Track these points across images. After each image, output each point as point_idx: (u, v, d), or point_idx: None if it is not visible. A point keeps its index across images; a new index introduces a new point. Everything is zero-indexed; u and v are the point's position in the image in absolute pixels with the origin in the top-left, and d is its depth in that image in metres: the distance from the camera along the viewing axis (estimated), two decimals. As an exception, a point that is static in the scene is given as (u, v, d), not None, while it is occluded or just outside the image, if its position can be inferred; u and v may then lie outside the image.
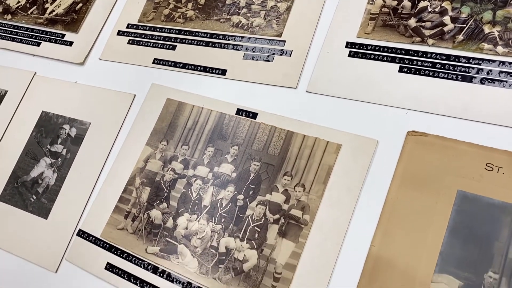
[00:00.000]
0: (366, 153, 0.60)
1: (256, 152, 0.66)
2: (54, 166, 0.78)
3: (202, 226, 0.65)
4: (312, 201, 0.60)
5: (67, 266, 0.70)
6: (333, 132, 0.63)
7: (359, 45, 0.67)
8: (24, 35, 0.93)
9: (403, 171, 0.58)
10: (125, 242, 0.67)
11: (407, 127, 0.60)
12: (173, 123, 0.73)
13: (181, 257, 0.64)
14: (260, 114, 0.68)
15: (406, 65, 0.63)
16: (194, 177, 0.69)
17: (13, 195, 0.78)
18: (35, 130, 0.82)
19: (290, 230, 0.60)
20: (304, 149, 0.63)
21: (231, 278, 0.60)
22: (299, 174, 0.63)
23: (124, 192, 0.71)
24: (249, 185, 0.65)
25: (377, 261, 0.55)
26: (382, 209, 0.57)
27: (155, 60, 0.79)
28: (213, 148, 0.69)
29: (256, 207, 0.63)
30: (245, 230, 0.62)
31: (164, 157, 0.72)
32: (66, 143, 0.79)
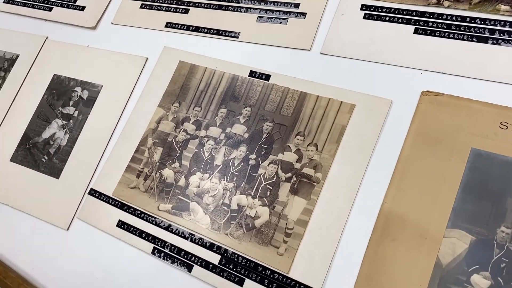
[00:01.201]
0: (380, 112, 0.60)
1: (268, 113, 0.67)
2: (66, 127, 0.78)
3: (214, 184, 0.65)
4: (324, 160, 0.61)
5: (79, 224, 0.70)
6: (347, 93, 0.63)
7: (374, 7, 0.67)
8: (36, 0, 0.93)
9: (416, 130, 0.58)
10: (137, 200, 0.68)
11: (422, 87, 0.60)
12: (185, 85, 0.73)
13: (193, 214, 0.64)
14: (273, 76, 0.68)
15: (421, 27, 0.63)
16: (206, 137, 0.69)
17: (25, 156, 0.79)
18: (46, 92, 0.83)
19: (302, 188, 0.60)
20: (317, 109, 0.64)
21: (243, 234, 0.61)
22: (312, 134, 0.63)
23: (136, 152, 0.71)
24: (261, 145, 0.65)
25: (389, 217, 0.55)
26: (395, 167, 0.57)
27: (167, 23, 0.79)
28: (226, 109, 0.69)
29: (268, 166, 0.63)
30: (257, 188, 0.63)
31: (176, 118, 0.72)
32: (78, 105, 0.79)
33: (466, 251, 0.51)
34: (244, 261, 0.59)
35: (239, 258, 0.59)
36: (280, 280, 0.57)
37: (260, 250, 0.59)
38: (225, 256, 0.60)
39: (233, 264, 0.59)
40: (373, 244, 0.55)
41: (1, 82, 0.87)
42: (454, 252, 0.51)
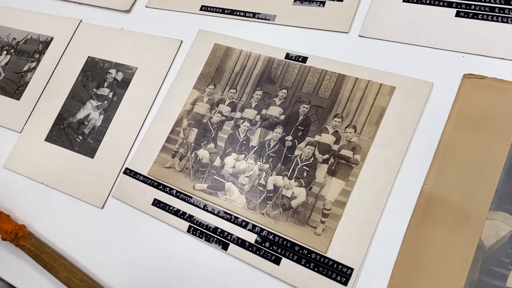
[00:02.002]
0: (421, 95, 0.60)
1: (305, 95, 0.66)
2: (101, 108, 0.79)
3: (250, 165, 0.65)
4: (363, 142, 0.60)
5: (114, 202, 0.71)
6: (386, 75, 0.63)
7: (414, -9, 0.66)
8: (70, -16, 0.94)
9: (458, 113, 0.58)
10: (173, 180, 0.68)
11: (463, 70, 0.59)
12: (221, 67, 0.74)
13: (229, 193, 0.65)
14: (310, 58, 0.68)
15: (463, 9, 0.62)
16: (241, 119, 0.69)
17: (59, 136, 0.80)
18: (81, 74, 0.84)
19: (340, 169, 0.60)
20: (356, 91, 0.63)
21: (279, 214, 0.61)
22: (350, 116, 0.63)
23: (172, 133, 0.72)
24: (297, 126, 0.65)
25: (429, 199, 0.55)
26: (436, 149, 0.57)
27: (202, 7, 0.80)
28: (261, 91, 0.70)
29: (305, 147, 0.63)
30: (293, 169, 0.63)
31: (211, 100, 0.72)
32: (113, 86, 0.80)
33: (510, 233, 0.51)
34: (281, 241, 0.59)
35: (276, 237, 0.60)
36: (318, 260, 0.57)
37: (297, 230, 0.59)
38: (261, 235, 0.60)
39: (269, 243, 0.59)
40: (413, 225, 0.55)
41: (36, 64, 0.89)
42: (498, 234, 0.51)
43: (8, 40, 0.95)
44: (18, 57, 0.92)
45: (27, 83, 0.88)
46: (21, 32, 0.94)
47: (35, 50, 0.91)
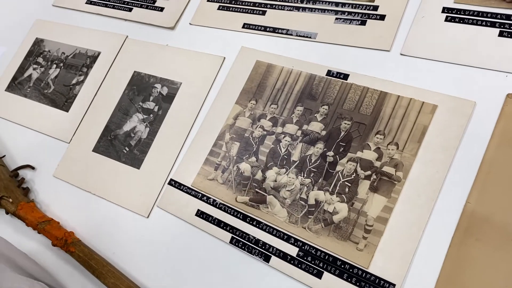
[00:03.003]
0: (463, 114, 0.61)
1: (347, 111, 0.68)
2: (146, 121, 0.82)
3: (291, 179, 0.67)
4: (405, 159, 0.61)
5: (158, 212, 0.74)
6: (428, 93, 0.64)
7: (456, 10, 0.67)
8: (117, 1, 0.99)
9: (502, 132, 0.58)
10: (216, 192, 0.71)
11: (507, 89, 0.60)
12: (262, 83, 0.76)
13: (271, 206, 0.66)
14: (352, 75, 0.70)
15: (506, 29, 0.63)
16: (282, 134, 0.71)
17: (107, 147, 0.84)
18: (127, 88, 0.88)
19: (382, 186, 0.61)
20: (398, 109, 0.65)
21: (321, 228, 0.62)
22: (392, 133, 0.64)
23: (214, 146, 0.74)
24: (339, 142, 0.67)
25: (472, 217, 0.55)
26: (479, 168, 0.57)
27: (244, 24, 0.82)
28: (302, 107, 0.71)
29: (346, 163, 0.65)
30: (335, 185, 0.64)
31: (253, 115, 0.74)
32: (158, 101, 0.83)
33: (556, 254, 0.51)
34: (323, 255, 0.60)
35: (318, 251, 0.61)
36: (360, 275, 0.58)
37: (338, 245, 0.60)
38: (303, 249, 0.62)
39: (311, 257, 0.61)
40: (456, 243, 0.55)
41: (84, 78, 0.93)
42: (544, 255, 0.51)
43: (57, 55, 1.00)
44: (67, 71, 0.97)
45: (75, 96, 0.92)
46: (70, 47, 0.99)
47: (83, 64, 0.95)
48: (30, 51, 1.03)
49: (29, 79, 1.00)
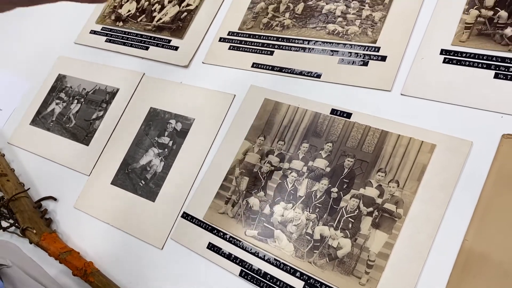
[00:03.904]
0: (461, 153, 0.63)
1: (350, 149, 0.71)
2: (161, 155, 0.87)
3: (298, 214, 0.71)
4: (406, 197, 0.64)
5: (172, 244, 0.78)
6: (427, 133, 0.67)
7: (454, 52, 0.70)
8: (134, 40, 1.05)
9: (498, 171, 0.61)
10: (226, 225, 0.74)
11: (502, 130, 0.63)
12: (270, 120, 0.80)
13: (278, 241, 0.70)
14: (354, 114, 0.73)
15: (501, 72, 0.66)
16: (289, 169, 0.75)
17: (124, 180, 0.89)
18: (144, 123, 0.93)
19: (384, 222, 0.64)
20: (398, 148, 0.68)
21: (326, 263, 0.65)
22: (393, 171, 0.67)
23: (225, 180, 0.78)
24: (343, 179, 0.70)
25: (470, 255, 0.58)
26: (476, 206, 0.60)
27: (253, 64, 0.87)
28: (308, 144, 0.75)
29: (350, 199, 0.68)
30: (339, 220, 0.67)
31: (261, 151, 0.78)
32: (173, 136, 0.88)
33: (551, 293, 0.53)
34: (327, 288, 0.63)
35: (322, 285, 0.64)
36: (362, 309, 0.60)
37: (342, 280, 0.63)
38: (309, 283, 0.65)
39: (316, 291, 0.64)
40: (454, 279, 0.58)
41: (103, 113, 0.99)
42: (538, 293, 0.53)
43: (79, 90, 1.06)
44: (88, 106, 1.02)
45: (95, 130, 0.98)
46: (91, 83, 1.05)
47: (103, 100, 1.01)
48: (53, 87, 1.10)
49: (52, 113, 1.06)
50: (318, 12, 0.85)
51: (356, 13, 0.81)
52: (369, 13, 0.79)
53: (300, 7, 0.87)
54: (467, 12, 0.72)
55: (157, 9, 1.05)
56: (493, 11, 0.70)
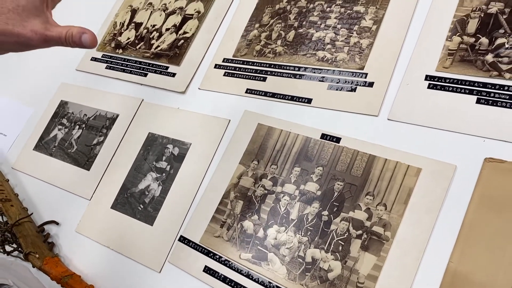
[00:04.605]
0: (445, 177, 0.66)
1: (339, 173, 0.74)
2: (159, 180, 0.90)
3: (290, 237, 0.73)
4: (393, 219, 0.66)
5: (170, 267, 0.80)
6: (413, 157, 0.69)
7: (438, 78, 0.73)
8: (133, 67, 1.08)
9: (480, 195, 0.63)
10: (221, 248, 0.77)
11: (484, 154, 0.65)
12: (263, 145, 0.83)
13: (271, 264, 0.72)
14: (343, 138, 0.76)
15: (483, 97, 0.68)
16: (282, 193, 0.77)
17: (123, 204, 0.91)
18: (142, 148, 0.96)
19: (372, 245, 0.66)
20: (385, 171, 0.70)
21: (317, 285, 0.67)
22: (381, 194, 0.69)
23: (220, 204, 0.81)
24: (333, 202, 0.72)
25: (455, 276, 0.60)
26: (460, 229, 0.62)
27: (247, 90, 0.90)
28: (299, 168, 0.78)
29: (340, 222, 0.70)
30: (329, 243, 0.70)
31: (255, 174, 0.81)
32: (170, 160, 0.91)
33: (532, 313, 0.54)
34: (318, 310, 0.65)
35: (314, 307, 0.66)
36: (352, 330, 0.62)
37: (333, 301, 0.65)
38: (301, 305, 0.67)
39: (308, 313, 0.66)
40: (441, 301, 0.59)
41: (103, 138, 1.02)
42: (521, 314, 0.55)
43: (80, 116, 1.09)
44: (89, 132, 1.06)
45: (96, 155, 1.01)
46: (91, 109, 1.08)
47: (103, 125, 1.04)
48: (56, 113, 1.13)
49: (55, 139, 1.09)
50: (308, 40, 0.88)
51: (344, 40, 0.84)
52: (357, 40, 0.83)
53: (291, 34, 0.90)
54: (450, 39, 0.75)
55: (155, 37, 1.09)
56: (475, 38, 0.73)
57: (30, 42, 0.55)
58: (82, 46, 0.58)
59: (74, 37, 0.57)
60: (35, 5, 0.54)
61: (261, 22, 0.96)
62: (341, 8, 0.87)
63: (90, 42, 0.58)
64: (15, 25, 0.52)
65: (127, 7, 1.19)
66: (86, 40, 0.58)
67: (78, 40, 0.57)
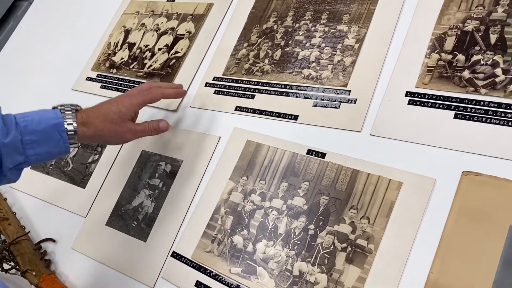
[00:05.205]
0: (425, 190, 0.68)
1: (325, 187, 0.76)
2: (152, 197, 0.92)
3: (278, 251, 0.75)
4: (376, 232, 0.69)
5: (163, 282, 0.82)
6: (394, 171, 0.71)
7: (418, 94, 0.75)
8: (127, 86, 1.11)
9: (459, 207, 0.65)
10: (212, 263, 0.79)
11: (462, 167, 0.67)
12: (252, 161, 0.85)
13: (260, 277, 0.74)
14: (328, 154, 0.78)
15: (460, 112, 0.71)
16: (270, 208, 0.79)
17: (117, 221, 0.94)
18: (136, 166, 0.98)
19: (357, 258, 0.69)
20: (368, 186, 0.72)
21: (304, 298, 0.69)
22: (364, 208, 0.71)
23: (211, 219, 0.83)
24: (319, 216, 0.74)
25: (435, 287, 0.62)
26: (440, 240, 0.64)
27: (237, 107, 0.93)
28: (287, 183, 0.80)
29: (325, 236, 0.72)
30: (315, 256, 0.72)
31: (244, 190, 0.83)
32: (163, 177, 0.93)
33: (508, 322, 0.56)
34: (305, 322, 0.67)
35: (301, 319, 0.68)
36: None
37: (319, 313, 0.67)
38: (289, 317, 0.69)
39: (296, 325, 0.68)
40: (422, 311, 0.61)
41: (98, 157, 1.05)
42: (497, 322, 0.57)
43: (76, 135, 1.12)
44: (84, 150, 1.08)
45: (91, 173, 1.04)
46: (87, 127, 1.11)
47: (98, 144, 1.07)
48: (53, 132, 1.16)
49: (51, 158, 1.12)
50: (294, 58, 0.91)
51: (328, 58, 0.87)
52: (341, 58, 0.85)
53: (278, 53, 0.93)
54: (429, 56, 0.78)
55: (148, 57, 1.12)
56: (452, 55, 0.76)
57: (126, 136, 0.82)
58: (161, 131, 0.89)
59: (154, 126, 0.87)
60: (130, 113, 0.82)
61: (250, 42, 0.99)
62: (325, 27, 0.91)
63: (165, 128, 0.89)
64: (118, 125, 0.80)
65: (120, 28, 1.23)
66: (163, 126, 0.88)
67: (157, 127, 0.88)
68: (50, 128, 0.72)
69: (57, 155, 0.75)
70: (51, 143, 0.72)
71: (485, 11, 0.76)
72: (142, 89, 0.84)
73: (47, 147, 0.72)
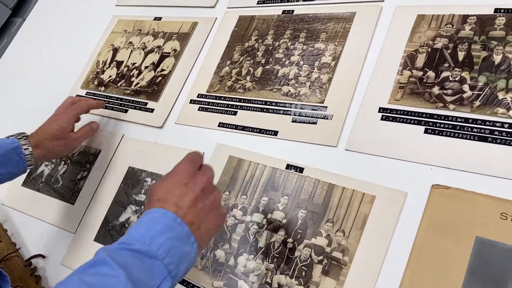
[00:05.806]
0: (397, 203, 0.71)
1: (303, 201, 0.79)
2: (138, 212, 0.94)
3: (258, 264, 0.77)
4: (350, 245, 0.71)
5: (148, 296, 0.84)
6: (368, 185, 0.74)
7: (390, 110, 0.78)
8: (115, 104, 1.14)
9: (428, 219, 0.68)
10: (195, 277, 0.81)
11: (432, 181, 0.70)
12: (234, 176, 0.88)
13: (241, 290, 0.76)
14: (306, 168, 0.81)
15: (430, 127, 0.74)
16: (251, 222, 0.82)
17: (105, 237, 0.96)
18: (123, 182, 1.01)
19: (332, 270, 0.71)
20: (343, 199, 0.75)
21: (282, 310, 0.71)
22: (339, 221, 0.74)
23: (194, 234, 0.85)
24: (297, 230, 0.77)
25: (406, 298, 0.64)
26: (410, 252, 0.67)
27: (220, 123, 0.96)
28: (267, 197, 0.83)
29: (303, 249, 0.75)
30: (294, 269, 0.74)
31: (227, 205, 0.86)
32: (148, 193, 0.95)
33: (474, 331, 0.59)
34: (284, 334, 0.69)
35: (279, 331, 0.70)
36: None
37: (297, 324, 0.69)
38: (268, 329, 0.71)
39: (275, 336, 0.70)
40: (394, 321, 0.64)
41: (87, 173, 1.07)
42: (464, 331, 0.59)
43: (66, 152, 1.14)
44: (73, 167, 1.11)
45: (80, 190, 1.06)
46: (76, 145, 1.14)
47: (86, 160, 1.09)
48: (43, 149, 1.19)
49: (42, 175, 1.15)
50: (274, 76, 0.94)
51: (306, 76, 0.90)
52: (318, 75, 0.88)
53: (259, 71, 0.96)
54: (401, 73, 0.81)
55: (135, 74, 1.15)
56: (423, 72, 0.79)
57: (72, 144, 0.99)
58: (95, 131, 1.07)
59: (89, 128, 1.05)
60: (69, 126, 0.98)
61: (232, 59, 1.02)
62: (304, 45, 0.94)
63: (97, 126, 1.08)
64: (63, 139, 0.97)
65: (109, 46, 1.26)
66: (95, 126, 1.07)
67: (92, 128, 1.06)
68: (9, 151, 0.86)
69: (18, 174, 0.90)
70: (12, 164, 0.87)
71: (453, 29, 0.80)
72: (69, 104, 1.01)
73: (9, 168, 0.87)
